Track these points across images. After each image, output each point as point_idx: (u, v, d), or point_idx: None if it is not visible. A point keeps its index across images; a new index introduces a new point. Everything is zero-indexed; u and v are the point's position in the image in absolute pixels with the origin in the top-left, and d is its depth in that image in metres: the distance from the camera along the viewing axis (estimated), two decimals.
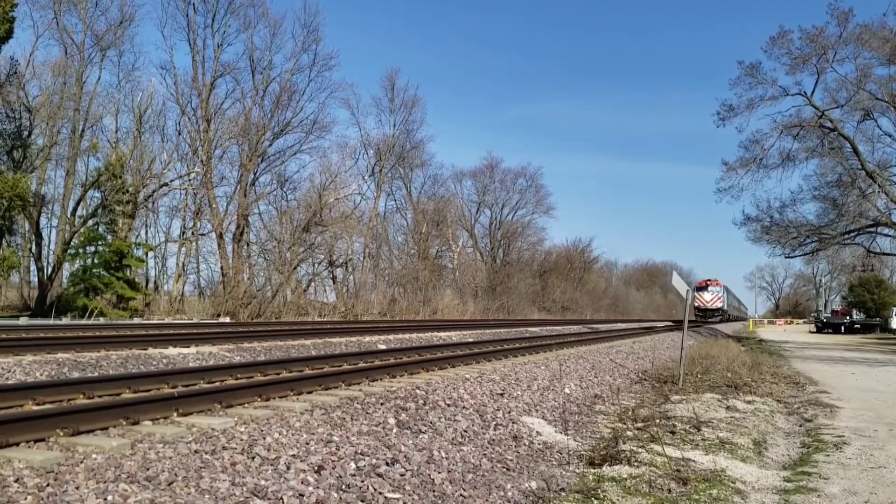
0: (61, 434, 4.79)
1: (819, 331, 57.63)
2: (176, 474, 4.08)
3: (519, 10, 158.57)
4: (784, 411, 10.16)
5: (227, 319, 29.79)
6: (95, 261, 31.55)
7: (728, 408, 9.52)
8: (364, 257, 47.82)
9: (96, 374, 8.86)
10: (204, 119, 37.47)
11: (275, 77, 40.26)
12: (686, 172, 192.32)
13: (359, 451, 5.10)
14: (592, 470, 5.70)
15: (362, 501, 4.25)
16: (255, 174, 40.21)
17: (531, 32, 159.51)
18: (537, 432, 7.13)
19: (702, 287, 62.48)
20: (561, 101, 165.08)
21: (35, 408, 5.92)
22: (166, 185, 38.46)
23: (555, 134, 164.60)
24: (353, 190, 45.87)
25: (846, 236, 33.37)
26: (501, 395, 8.35)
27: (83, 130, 35.88)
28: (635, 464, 5.82)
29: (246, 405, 6.39)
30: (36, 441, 4.67)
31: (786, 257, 37.71)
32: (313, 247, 41.66)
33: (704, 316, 61.04)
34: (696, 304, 56.97)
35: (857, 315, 60.39)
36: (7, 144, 32.82)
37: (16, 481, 3.78)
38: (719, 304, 61.63)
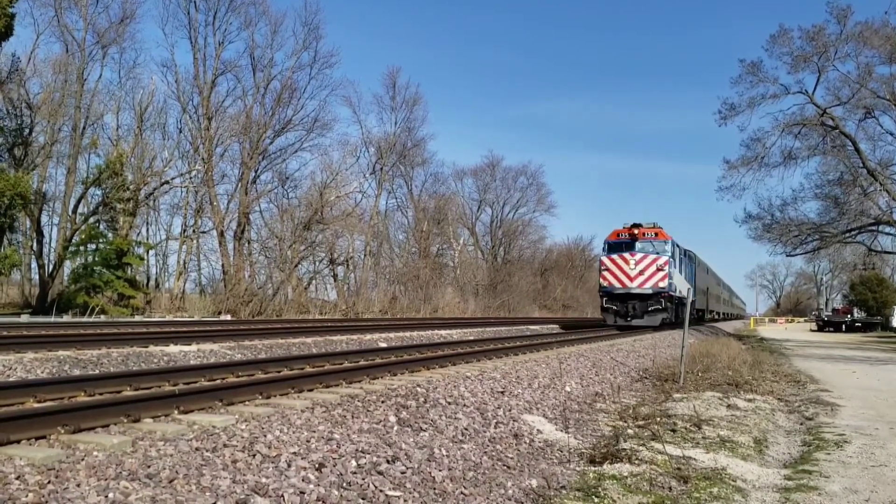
0: (62, 431, 4.79)
1: (820, 329, 57.58)
2: (177, 472, 4.09)
3: (520, 8, 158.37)
4: (785, 409, 10.15)
5: (228, 317, 29.81)
6: (96, 258, 31.59)
7: (729, 406, 9.52)
8: (365, 255, 47.83)
9: (97, 371, 8.86)
10: (205, 117, 37.48)
11: (276, 75, 40.28)
12: (687, 171, 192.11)
13: (360, 449, 5.11)
14: (593, 468, 5.70)
15: (363, 499, 4.25)
16: (256, 172, 40.24)
17: (533, 31, 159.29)
18: (538, 430, 7.13)
19: (618, 242, 26.50)
20: (562, 99, 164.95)
21: (36, 405, 5.93)
22: (167, 182, 38.49)
23: (556, 132, 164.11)
24: (355, 188, 45.93)
25: (847, 235, 33.34)
26: (502, 393, 8.35)
27: (84, 128, 35.90)
28: (636, 462, 5.82)
29: (247, 403, 6.39)
30: (37, 438, 4.67)
31: (787, 255, 37.66)
32: (314, 245, 41.69)
33: (624, 312, 25.80)
34: (603, 283, 26.13)
35: (858, 313, 60.35)
36: (8, 142, 32.84)
37: (17, 478, 3.78)
38: (662, 284, 25.44)
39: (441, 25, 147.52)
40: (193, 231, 40.86)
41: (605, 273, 25.82)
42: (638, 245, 25.52)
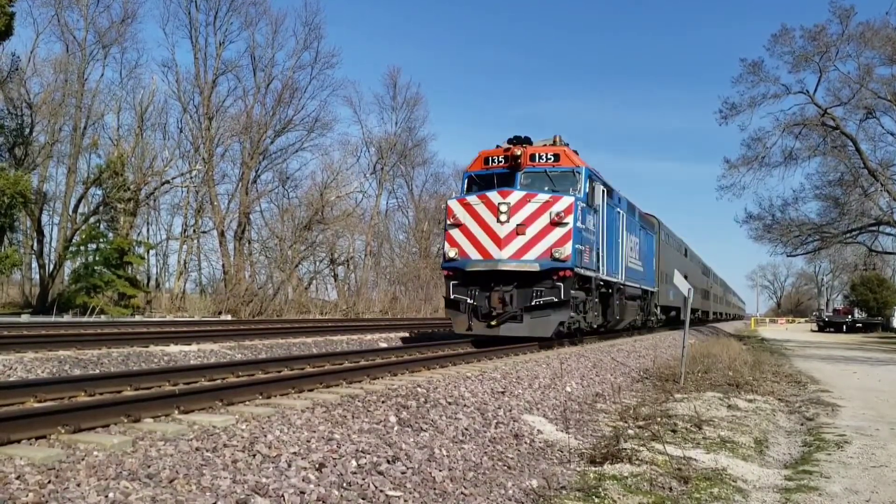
0: (62, 431, 4.79)
1: (821, 329, 57.57)
2: (177, 472, 4.08)
3: (521, 8, 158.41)
4: (785, 410, 10.15)
5: (229, 317, 29.82)
6: (97, 258, 31.61)
7: (729, 406, 9.51)
8: (365, 255, 47.86)
9: (97, 371, 8.86)
10: (206, 116, 37.53)
11: (276, 75, 40.38)
12: (686, 171, 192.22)
13: (360, 449, 5.10)
14: (593, 468, 5.70)
15: (363, 499, 4.25)
16: (256, 172, 40.28)
17: (533, 31, 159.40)
18: (538, 430, 7.13)
19: (486, 174, 14.40)
20: (562, 99, 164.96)
21: (36, 405, 5.92)
22: (168, 182, 38.51)
23: (556, 132, 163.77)
24: (355, 188, 45.98)
25: (848, 235, 33.33)
26: (502, 393, 8.34)
27: (85, 128, 35.95)
28: (636, 462, 5.82)
29: (247, 403, 6.39)
30: (37, 438, 4.67)
31: (787, 256, 37.63)
32: (315, 245, 41.73)
33: (486, 310, 13.12)
34: (448, 252, 13.57)
35: (858, 314, 60.34)
36: (9, 141, 32.86)
37: (17, 478, 3.77)
38: (560, 252, 12.78)
39: (441, 25, 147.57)
40: (194, 231, 40.88)
41: (455, 233, 13.65)
42: (520, 178, 13.89)
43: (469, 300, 13.32)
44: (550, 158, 14.07)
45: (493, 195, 13.35)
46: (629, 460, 5.87)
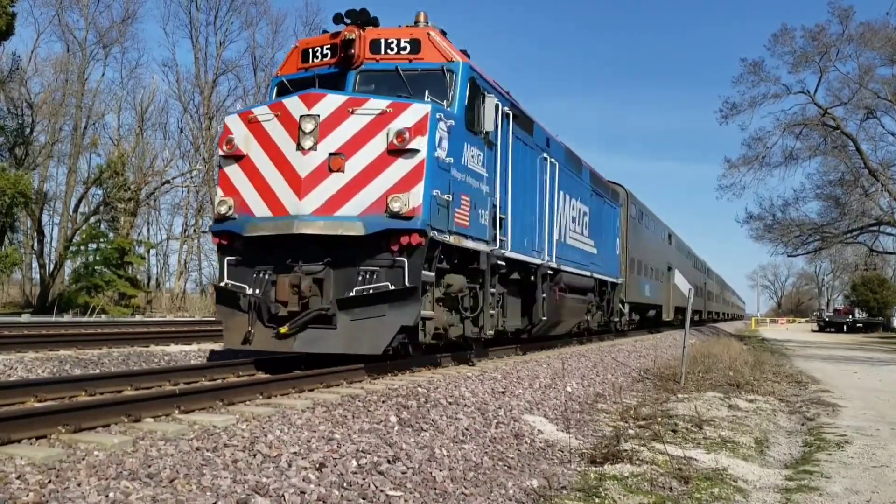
0: (63, 431, 4.78)
1: (821, 330, 57.59)
2: (178, 471, 4.08)
3: (520, 9, 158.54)
4: (786, 410, 10.15)
5: None
6: (97, 258, 31.63)
7: (730, 406, 9.51)
8: None
9: (98, 371, 8.85)
10: (206, 116, 37.58)
11: None
12: (687, 170, 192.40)
13: (360, 449, 5.10)
14: (594, 468, 5.70)
15: (364, 499, 4.24)
16: None
17: (533, 31, 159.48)
18: (539, 430, 7.13)
19: (304, 78, 8.65)
20: (563, 99, 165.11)
21: (37, 405, 5.92)
22: (168, 182, 38.56)
23: (556, 132, 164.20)
24: None
25: (849, 235, 33.36)
26: (503, 393, 8.34)
27: (85, 127, 36.01)
28: (637, 462, 5.82)
29: (248, 402, 6.38)
30: (38, 438, 4.66)
31: (788, 256, 37.69)
32: None
33: (270, 310, 7.71)
34: (220, 207, 8.09)
35: (859, 314, 60.37)
36: (9, 141, 32.89)
37: (18, 478, 3.77)
38: (403, 202, 7.30)
39: (440, 25, 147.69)
40: (194, 231, 40.93)
41: (232, 171, 8.26)
42: (355, 81, 8.59)
43: (252, 289, 7.98)
44: (405, 48, 8.64)
45: (293, 102, 7.90)
46: (630, 460, 5.87)
